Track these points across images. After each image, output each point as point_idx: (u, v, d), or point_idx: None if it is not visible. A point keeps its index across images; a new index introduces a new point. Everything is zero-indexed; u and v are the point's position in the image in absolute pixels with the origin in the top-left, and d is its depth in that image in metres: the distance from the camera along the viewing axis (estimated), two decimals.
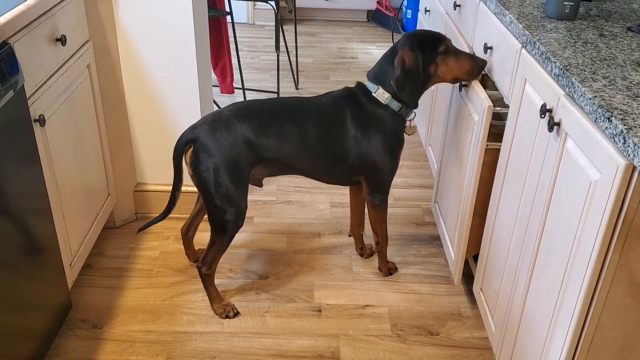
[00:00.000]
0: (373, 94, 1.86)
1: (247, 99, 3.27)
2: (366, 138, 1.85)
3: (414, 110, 1.93)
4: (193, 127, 1.81)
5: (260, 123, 1.79)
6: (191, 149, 1.78)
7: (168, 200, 1.94)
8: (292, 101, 1.97)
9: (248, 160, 1.78)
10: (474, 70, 1.84)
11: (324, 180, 2.02)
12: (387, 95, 1.84)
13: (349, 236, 2.33)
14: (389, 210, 2.51)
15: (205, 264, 1.91)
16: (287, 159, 1.85)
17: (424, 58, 1.81)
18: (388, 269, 2.19)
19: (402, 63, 1.79)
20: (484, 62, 1.84)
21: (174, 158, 1.84)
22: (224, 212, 1.80)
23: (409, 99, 1.84)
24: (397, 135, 1.91)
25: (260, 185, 1.99)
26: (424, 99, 2.97)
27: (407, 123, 1.95)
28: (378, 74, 1.87)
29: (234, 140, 1.75)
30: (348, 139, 1.85)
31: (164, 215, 1.97)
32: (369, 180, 1.95)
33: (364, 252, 2.28)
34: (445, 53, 1.83)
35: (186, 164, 1.80)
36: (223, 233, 1.85)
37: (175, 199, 1.94)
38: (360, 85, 1.91)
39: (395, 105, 1.85)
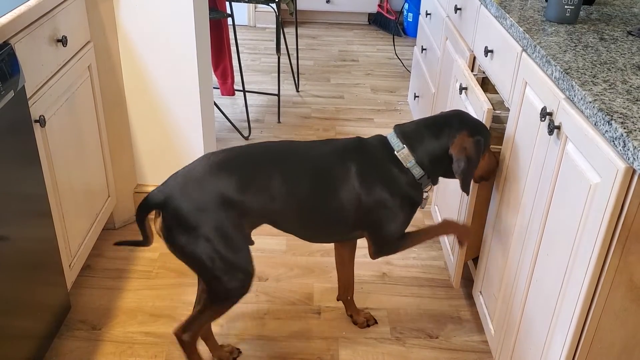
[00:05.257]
0: (395, 152, 1.60)
1: (248, 101, 3.27)
2: (373, 197, 1.57)
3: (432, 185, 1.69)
4: (161, 190, 1.50)
5: (242, 178, 1.50)
6: (160, 219, 1.48)
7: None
8: (284, 150, 1.63)
9: (236, 220, 1.50)
10: (495, 170, 1.71)
11: (312, 240, 1.76)
12: (411, 158, 1.59)
13: (337, 300, 1.98)
14: None
15: (188, 330, 1.60)
16: (274, 217, 1.58)
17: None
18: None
19: (464, 152, 1.56)
20: (498, 162, 1.72)
21: (137, 220, 1.54)
22: (227, 281, 1.52)
23: (465, 189, 1.60)
24: (412, 203, 1.64)
25: (251, 243, 1.60)
26: (425, 105, 2.97)
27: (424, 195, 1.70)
28: (410, 134, 1.61)
29: (213, 203, 1.46)
30: (349, 197, 1.56)
31: (141, 244, 1.64)
32: (373, 237, 1.66)
33: (356, 320, 1.95)
34: (488, 148, 1.66)
35: (158, 234, 1.51)
36: (225, 301, 1.57)
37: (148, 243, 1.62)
38: (380, 138, 1.65)
39: (417, 171, 1.60)
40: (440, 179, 1.68)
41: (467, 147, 1.57)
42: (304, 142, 1.67)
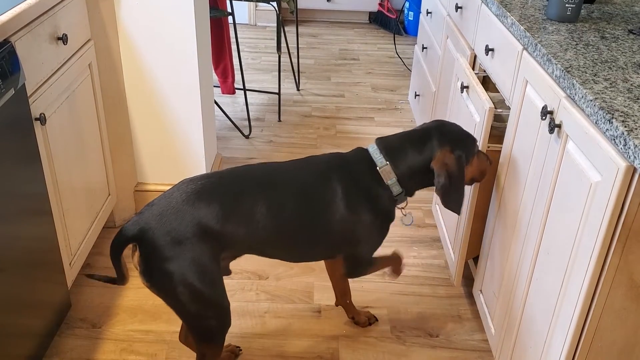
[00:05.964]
0: (378, 168, 1.57)
1: (248, 100, 3.27)
2: (356, 216, 1.56)
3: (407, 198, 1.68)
4: (135, 221, 1.42)
5: (223, 207, 1.43)
6: (137, 252, 1.41)
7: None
8: (265, 174, 1.57)
9: (215, 252, 1.44)
10: (488, 169, 1.70)
11: (297, 261, 1.74)
12: (393, 175, 1.57)
13: (336, 305, 1.98)
14: None
15: None
16: (258, 244, 1.54)
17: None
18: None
19: (445, 169, 1.56)
20: (491, 160, 1.71)
21: (111, 256, 1.46)
22: (204, 319, 1.48)
23: (455, 208, 1.61)
24: (389, 218, 1.65)
25: (228, 273, 1.60)
26: (426, 103, 2.97)
27: (401, 211, 1.70)
28: (393, 150, 1.60)
29: (192, 234, 1.39)
30: (335, 219, 1.54)
31: (114, 282, 1.58)
32: (348, 257, 1.66)
33: (358, 321, 1.95)
34: (477, 153, 1.65)
35: (135, 267, 1.44)
36: (210, 341, 1.52)
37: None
38: (362, 153, 1.62)
39: (396, 189, 1.59)
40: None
41: (448, 163, 1.57)
42: (283, 163, 1.63)
